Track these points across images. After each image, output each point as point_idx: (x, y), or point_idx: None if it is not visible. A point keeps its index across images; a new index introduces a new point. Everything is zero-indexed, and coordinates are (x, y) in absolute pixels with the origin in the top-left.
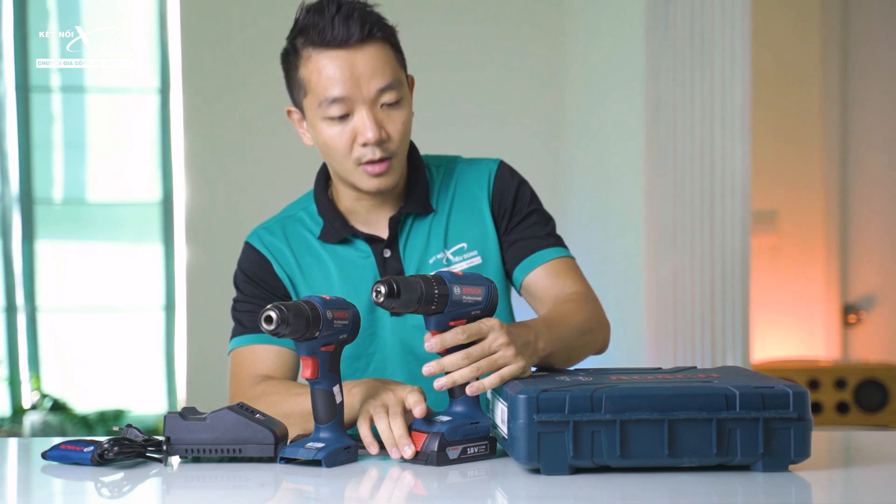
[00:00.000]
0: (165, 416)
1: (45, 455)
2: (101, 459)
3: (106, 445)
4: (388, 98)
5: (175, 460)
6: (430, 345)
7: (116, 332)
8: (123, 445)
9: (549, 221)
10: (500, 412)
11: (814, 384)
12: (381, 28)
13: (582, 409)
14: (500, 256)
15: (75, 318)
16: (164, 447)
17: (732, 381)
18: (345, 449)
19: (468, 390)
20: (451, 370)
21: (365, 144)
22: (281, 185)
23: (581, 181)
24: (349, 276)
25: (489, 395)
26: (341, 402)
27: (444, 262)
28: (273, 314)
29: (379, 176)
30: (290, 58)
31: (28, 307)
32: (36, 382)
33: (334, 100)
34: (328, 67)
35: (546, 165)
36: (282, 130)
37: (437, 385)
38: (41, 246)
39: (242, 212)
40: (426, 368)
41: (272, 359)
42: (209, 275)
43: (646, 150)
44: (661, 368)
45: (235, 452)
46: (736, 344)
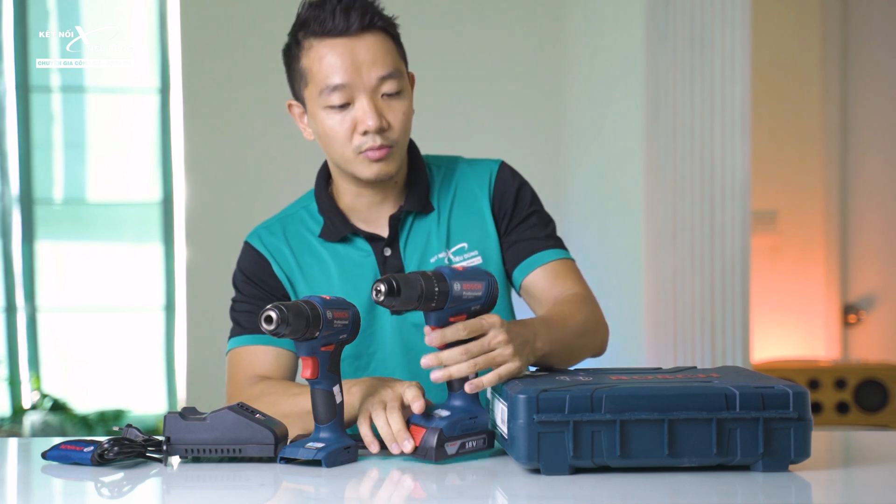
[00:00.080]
0: (165, 416)
1: (45, 455)
2: (101, 459)
3: (106, 445)
4: (388, 87)
5: (175, 460)
6: (429, 339)
7: (116, 332)
8: (123, 445)
9: (549, 223)
10: (500, 412)
11: (814, 384)
12: (382, 19)
13: (582, 409)
14: (500, 257)
15: (75, 318)
16: (164, 447)
17: (732, 381)
18: (345, 449)
19: (467, 388)
20: (449, 364)
21: (365, 133)
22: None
23: (581, 181)
24: (349, 274)
25: (489, 393)
26: (341, 402)
27: (445, 262)
28: (273, 314)
29: (379, 161)
30: (291, 50)
31: (28, 307)
32: (36, 382)
33: (335, 87)
34: (329, 56)
35: (546, 165)
36: (282, 130)
37: (434, 377)
38: (41, 246)
39: (242, 212)
40: (424, 360)
41: (270, 360)
42: (209, 275)
43: (646, 151)
44: (661, 368)
45: (235, 452)
46: (736, 344)
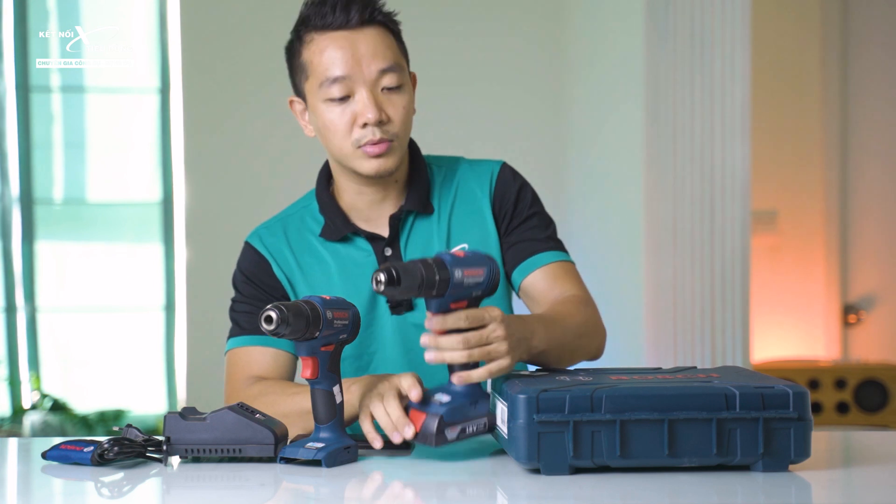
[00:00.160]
0: (165, 416)
1: (45, 455)
2: (101, 459)
3: (106, 445)
4: (388, 81)
5: (175, 460)
6: (429, 323)
7: (116, 332)
8: (123, 445)
9: (549, 224)
10: (500, 412)
11: (814, 384)
12: (382, 14)
13: (582, 409)
14: (500, 258)
15: (75, 318)
16: (164, 447)
17: (732, 381)
18: (345, 449)
19: (454, 379)
20: (445, 349)
21: (365, 125)
22: (281, 185)
23: (581, 181)
24: (350, 274)
25: (489, 388)
26: (341, 401)
27: None
28: (273, 314)
29: (378, 157)
30: (293, 46)
31: (28, 307)
32: (36, 382)
33: (335, 79)
34: (329, 48)
35: (546, 166)
36: (282, 130)
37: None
38: (41, 246)
39: (242, 212)
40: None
41: (268, 360)
42: (209, 275)
43: (646, 150)
44: (661, 368)
45: (235, 452)
46: (736, 344)
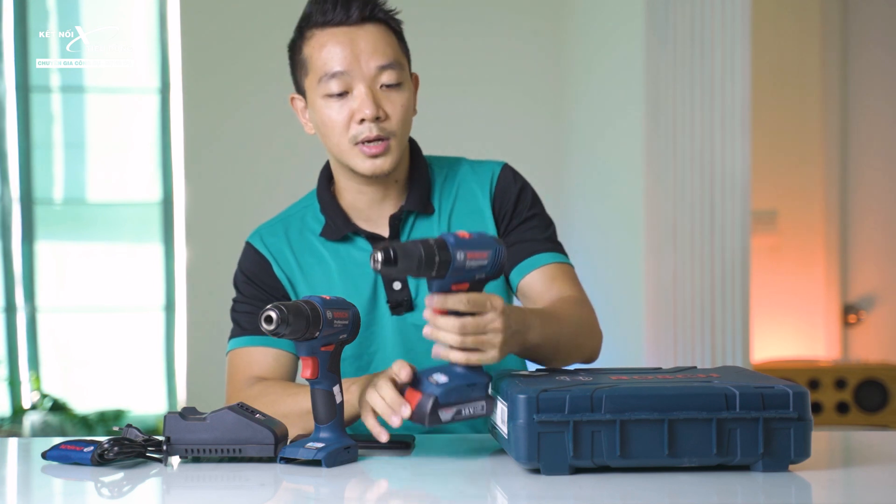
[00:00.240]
0: (165, 416)
1: (45, 455)
2: (101, 459)
3: (106, 445)
4: (387, 78)
5: (175, 460)
6: (429, 300)
7: (116, 332)
8: (123, 445)
9: (549, 226)
10: (500, 412)
11: (814, 384)
12: (383, 12)
13: (582, 409)
14: None
15: (75, 318)
16: (164, 447)
17: (732, 381)
18: (345, 449)
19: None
20: (441, 329)
21: (362, 121)
22: (281, 185)
23: (581, 181)
24: (350, 273)
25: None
26: (341, 401)
27: None
28: (273, 314)
29: (375, 157)
30: (295, 43)
31: (28, 307)
32: (36, 382)
33: (334, 74)
34: (329, 43)
35: (546, 166)
36: (282, 130)
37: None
38: (41, 246)
39: (242, 212)
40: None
41: (269, 361)
42: (209, 275)
43: (646, 151)
44: (661, 368)
45: (235, 452)
46: (736, 344)
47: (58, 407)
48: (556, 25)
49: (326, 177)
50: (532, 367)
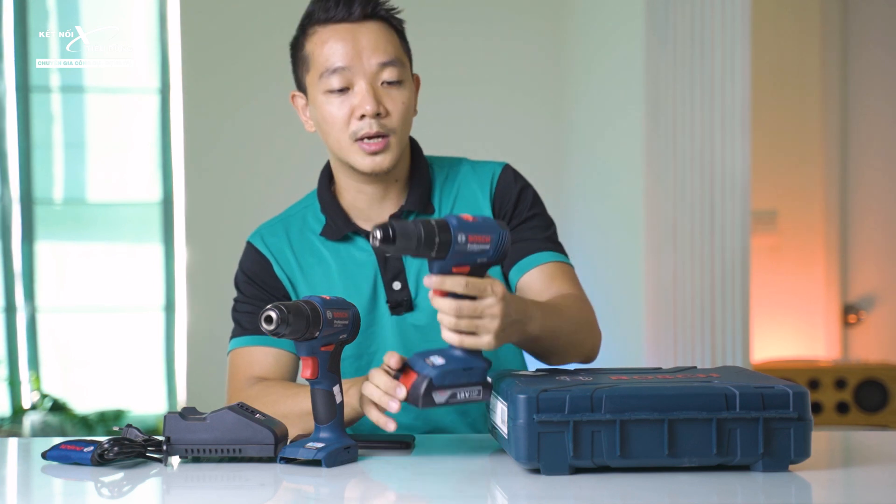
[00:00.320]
0: (165, 416)
1: (45, 455)
2: (101, 459)
3: (106, 445)
4: (388, 75)
5: (175, 460)
6: (427, 281)
7: (116, 332)
8: (123, 445)
9: (550, 226)
10: (500, 412)
11: (814, 384)
12: (385, 10)
13: (582, 409)
14: None
15: (75, 318)
16: (164, 447)
17: (732, 381)
18: (345, 449)
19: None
20: (440, 311)
21: (362, 117)
22: (281, 185)
23: (581, 181)
24: (350, 273)
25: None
26: (341, 401)
27: None
28: (273, 314)
29: (375, 154)
30: (297, 41)
31: (28, 307)
32: (36, 382)
33: (335, 70)
34: (331, 39)
35: (546, 166)
36: (282, 130)
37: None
38: (41, 246)
39: (242, 212)
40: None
41: (269, 361)
42: (209, 275)
43: (646, 151)
44: (661, 368)
45: (235, 452)
46: (736, 344)
47: (58, 407)
48: (556, 25)
49: (327, 176)
50: (532, 367)
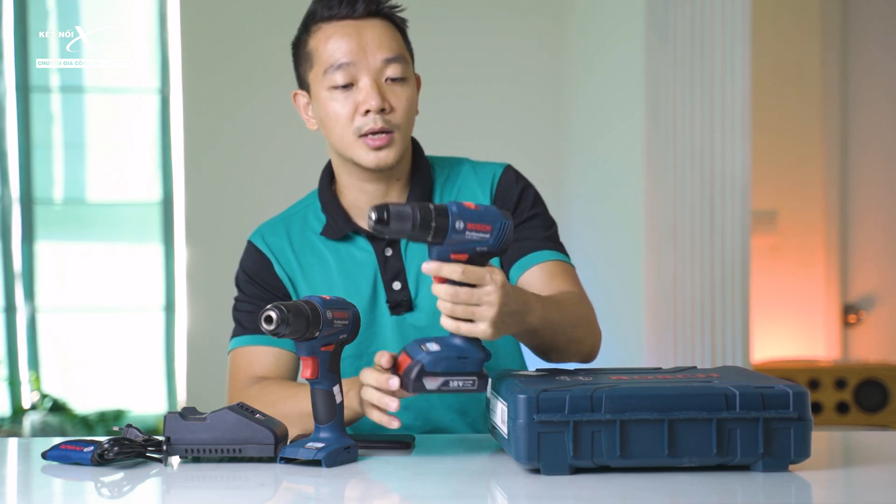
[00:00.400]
0: (165, 416)
1: (45, 455)
2: (101, 459)
3: (106, 445)
4: (392, 72)
5: (175, 460)
6: (425, 266)
7: (116, 332)
8: (123, 445)
9: (551, 226)
10: (500, 412)
11: (814, 384)
12: (388, 8)
13: (582, 409)
14: (500, 258)
15: (75, 319)
16: (164, 447)
17: (732, 381)
18: (345, 449)
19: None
20: (439, 297)
21: (367, 113)
22: (281, 185)
23: (581, 181)
24: (350, 273)
25: (489, 392)
26: (341, 402)
27: None
28: (273, 314)
29: (379, 149)
30: (300, 39)
31: (28, 307)
32: (36, 382)
33: (339, 65)
34: (335, 36)
35: (546, 166)
36: (282, 130)
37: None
38: (41, 246)
39: (242, 212)
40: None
41: (270, 360)
42: (209, 275)
43: (646, 150)
44: (661, 368)
45: (235, 452)
46: (736, 344)
47: (58, 407)
48: (556, 25)
49: (328, 175)
50: (532, 367)
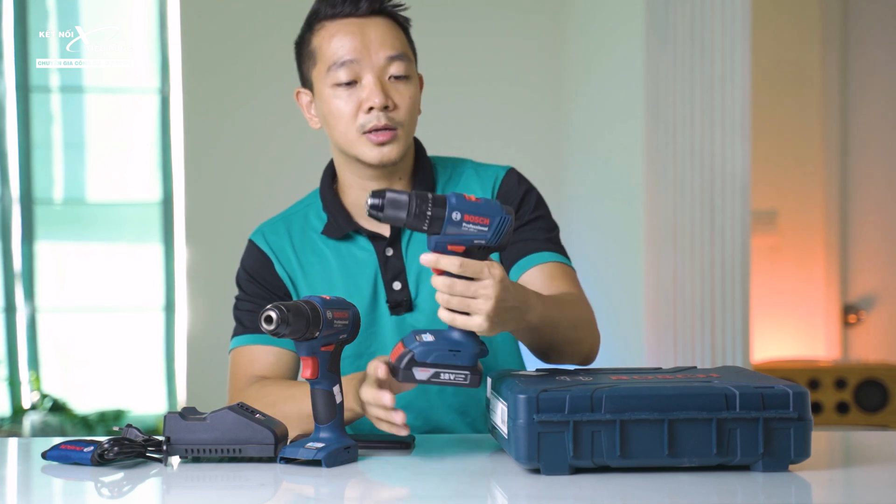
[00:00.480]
0: (165, 416)
1: (45, 455)
2: (101, 459)
3: (106, 445)
4: (396, 69)
5: (175, 460)
6: (424, 258)
7: (116, 332)
8: (123, 445)
9: (552, 229)
10: (500, 412)
11: (814, 384)
12: (392, 6)
13: (582, 409)
14: (501, 259)
15: (75, 319)
16: (164, 447)
17: (732, 381)
18: (345, 449)
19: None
20: (436, 288)
21: (370, 110)
22: (281, 184)
23: (581, 181)
24: (351, 273)
25: (489, 392)
26: (341, 402)
27: None
28: (273, 314)
29: (382, 145)
30: (303, 38)
31: (28, 307)
32: (36, 382)
33: (343, 63)
34: (339, 33)
35: (546, 166)
36: (283, 130)
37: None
38: (41, 246)
39: (242, 212)
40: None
41: (270, 360)
42: (209, 275)
43: (646, 150)
44: (661, 368)
45: (235, 452)
46: (736, 344)
47: (58, 407)
48: (556, 25)
49: (330, 175)
50: (532, 367)
